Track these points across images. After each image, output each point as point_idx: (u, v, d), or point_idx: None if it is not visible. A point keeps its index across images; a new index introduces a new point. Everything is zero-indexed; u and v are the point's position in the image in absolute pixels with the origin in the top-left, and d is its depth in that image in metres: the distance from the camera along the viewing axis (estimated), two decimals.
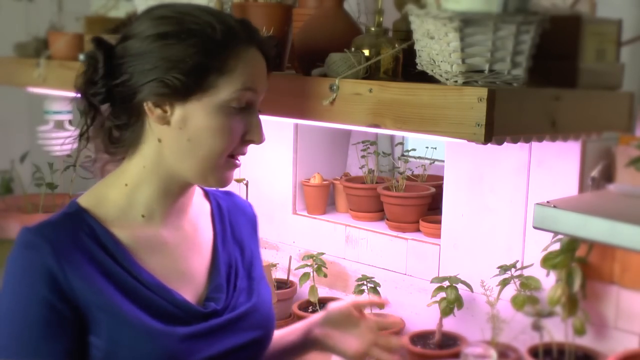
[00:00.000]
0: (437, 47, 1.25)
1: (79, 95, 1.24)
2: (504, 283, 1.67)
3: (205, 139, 1.18)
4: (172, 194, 1.24)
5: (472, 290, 1.77)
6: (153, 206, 1.23)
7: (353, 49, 1.41)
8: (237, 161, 1.22)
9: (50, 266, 1.11)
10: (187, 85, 1.16)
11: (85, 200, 1.22)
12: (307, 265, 2.02)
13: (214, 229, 1.34)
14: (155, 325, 1.15)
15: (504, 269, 1.68)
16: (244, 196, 2.33)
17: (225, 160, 1.20)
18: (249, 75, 1.18)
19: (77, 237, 1.16)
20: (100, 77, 1.20)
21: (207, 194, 1.38)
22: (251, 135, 1.20)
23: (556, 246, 1.60)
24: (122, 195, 1.22)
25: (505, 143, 1.25)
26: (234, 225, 1.38)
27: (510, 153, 1.72)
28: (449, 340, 1.81)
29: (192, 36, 1.16)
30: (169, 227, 1.25)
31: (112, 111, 1.23)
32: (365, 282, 1.92)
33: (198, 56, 1.16)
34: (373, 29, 1.43)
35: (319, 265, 2.01)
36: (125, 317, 1.13)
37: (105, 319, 1.13)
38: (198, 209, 1.33)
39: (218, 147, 1.18)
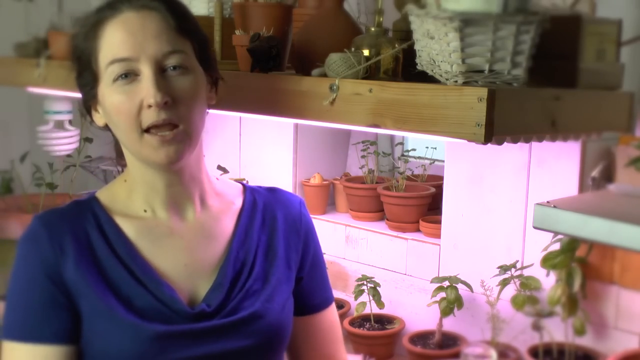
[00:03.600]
0: (437, 47, 1.25)
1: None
2: (504, 283, 1.67)
3: (114, 122, 1.19)
4: (158, 185, 1.22)
5: (472, 290, 1.77)
6: (150, 200, 1.23)
7: (353, 49, 1.41)
8: (158, 134, 1.14)
9: (47, 256, 1.16)
10: (85, 77, 1.20)
11: (101, 192, 1.26)
12: None
13: (237, 225, 1.28)
14: (129, 318, 1.15)
15: (504, 269, 1.68)
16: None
17: (142, 135, 1.15)
18: (116, 46, 1.15)
19: (79, 226, 1.19)
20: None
21: (245, 190, 1.34)
22: (147, 99, 1.14)
23: (556, 246, 1.60)
24: (124, 190, 1.25)
25: (505, 143, 1.25)
26: (266, 221, 1.30)
27: (510, 153, 1.72)
28: (449, 340, 1.81)
29: (77, 33, 1.21)
30: (174, 219, 1.24)
31: None
32: (365, 282, 1.92)
33: (81, 52, 1.20)
34: (373, 29, 1.42)
35: None
36: (102, 308, 1.15)
37: (86, 308, 1.16)
38: (223, 204, 1.29)
39: (123, 125, 1.17)
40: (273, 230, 1.30)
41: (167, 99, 1.13)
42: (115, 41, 1.16)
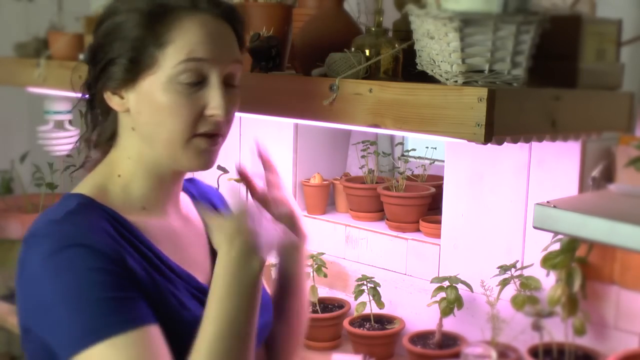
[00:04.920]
0: (437, 47, 1.25)
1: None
2: (504, 283, 1.67)
3: (160, 119, 1.11)
4: (166, 182, 1.20)
5: (472, 290, 1.77)
6: (150, 199, 1.19)
7: (353, 49, 1.41)
8: (208, 140, 1.14)
9: (105, 250, 1.04)
10: (130, 65, 1.11)
11: (87, 192, 1.16)
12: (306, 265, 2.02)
13: (201, 218, 1.30)
14: (195, 309, 1.12)
15: (504, 269, 1.68)
16: (243, 196, 2.33)
17: (190, 140, 1.13)
18: (194, 45, 1.10)
19: (106, 224, 1.09)
20: (88, 71, 1.21)
21: None
22: (210, 109, 1.12)
23: (556, 246, 1.60)
24: (118, 186, 1.18)
25: (505, 143, 1.25)
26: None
27: (510, 153, 1.72)
28: (449, 340, 1.81)
29: (127, 11, 1.12)
30: (171, 216, 1.23)
31: (90, 104, 1.23)
32: (365, 282, 1.92)
33: (133, 32, 1.10)
34: (373, 29, 1.42)
35: (319, 265, 2.01)
36: (173, 304, 1.10)
37: (153, 304, 1.07)
38: (183, 199, 1.30)
39: (174, 126, 1.11)
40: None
41: (228, 114, 1.15)
42: (196, 39, 1.11)
